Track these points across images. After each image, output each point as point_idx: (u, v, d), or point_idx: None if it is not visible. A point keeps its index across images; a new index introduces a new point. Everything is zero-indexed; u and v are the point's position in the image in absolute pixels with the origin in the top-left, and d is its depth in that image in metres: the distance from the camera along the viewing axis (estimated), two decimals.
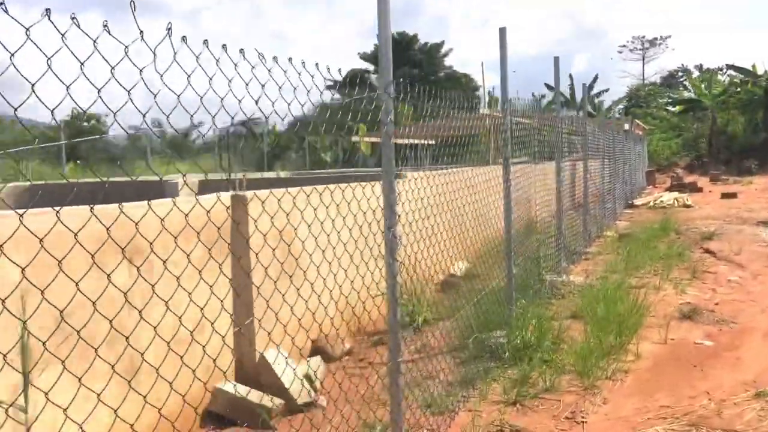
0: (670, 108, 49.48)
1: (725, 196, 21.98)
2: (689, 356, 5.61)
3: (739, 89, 38.71)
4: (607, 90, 50.85)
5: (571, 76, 49.70)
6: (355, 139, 29.22)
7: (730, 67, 41.49)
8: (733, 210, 17.50)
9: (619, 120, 21.19)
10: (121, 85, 2.29)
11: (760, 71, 37.72)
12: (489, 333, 6.00)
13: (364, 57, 57.95)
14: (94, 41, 2.14)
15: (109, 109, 2.28)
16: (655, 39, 74.43)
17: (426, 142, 30.90)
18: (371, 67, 56.73)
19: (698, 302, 7.35)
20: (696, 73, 61.71)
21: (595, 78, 51.47)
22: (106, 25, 2.15)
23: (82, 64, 2.11)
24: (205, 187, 10.89)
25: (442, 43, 56.49)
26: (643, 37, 74.69)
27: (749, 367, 5.28)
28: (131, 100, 2.31)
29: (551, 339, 5.83)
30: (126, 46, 2.26)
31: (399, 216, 6.63)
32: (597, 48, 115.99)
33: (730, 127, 38.94)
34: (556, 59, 10.24)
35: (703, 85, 42.89)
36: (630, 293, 7.52)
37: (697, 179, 31.20)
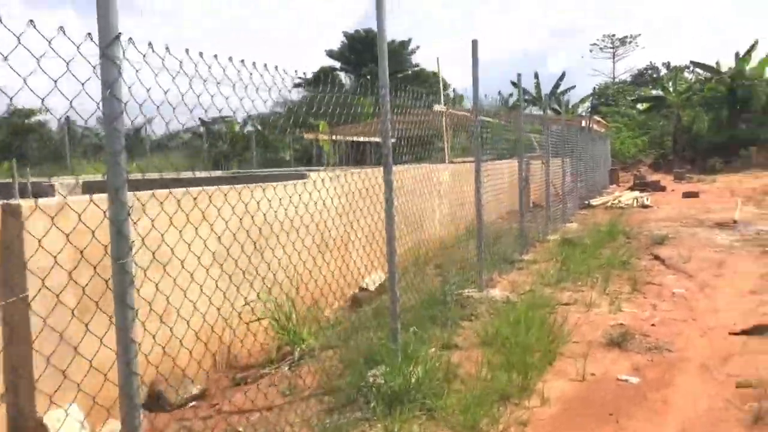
0: (638, 106, 48.98)
1: (687, 195, 21.21)
2: (606, 400, 4.55)
3: (703, 87, 38.14)
4: (573, 87, 50.16)
5: (536, 74, 48.97)
6: (311, 136, 28.00)
7: (694, 64, 40.93)
8: (692, 210, 16.65)
9: (571, 117, 20.31)
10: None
11: (723, 68, 37.19)
12: (370, 369, 4.91)
13: (331, 54, 56.79)
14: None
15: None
16: (626, 37, 74.07)
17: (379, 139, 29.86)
18: (337, 64, 55.71)
19: (633, 323, 6.32)
20: (664, 71, 61.53)
21: (562, 76, 50.65)
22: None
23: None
24: (89, 189, 9.65)
25: (409, 40, 55.41)
26: (614, 35, 74.35)
27: (676, 416, 4.24)
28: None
29: (442, 377, 4.74)
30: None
31: (290, 222, 5.52)
32: (572, 47, 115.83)
33: (695, 125, 38.33)
34: (474, 42, 9.19)
35: (670, 83, 42.40)
36: (555, 313, 6.49)
37: (662, 177, 30.55)
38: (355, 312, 7.19)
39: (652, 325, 6.27)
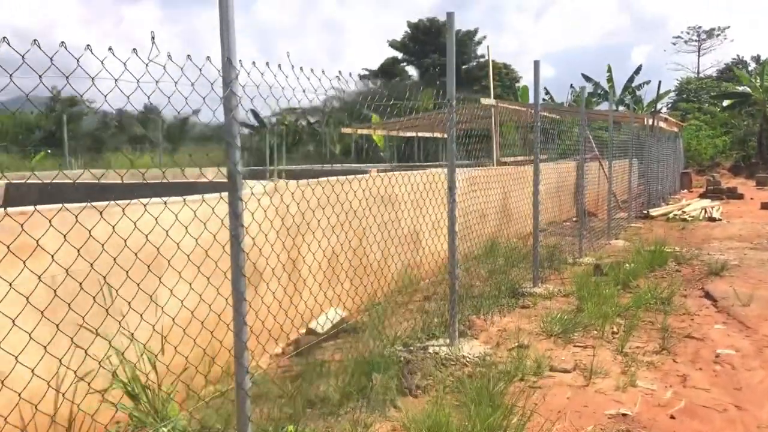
0: (723, 103, 45.27)
1: (765, 206, 18.53)
2: None
3: None
4: (648, 82, 46.53)
5: (609, 67, 45.82)
6: (364, 131, 26.47)
7: None
8: None
9: (630, 114, 18.09)
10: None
11: None
12: None
13: (393, 45, 55.23)
14: None
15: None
16: (713, 30, 69.47)
17: (435, 135, 28.10)
18: (400, 55, 54.15)
19: (645, 411, 4.45)
20: (753, 66, 56.94)
21: (638, 69, 47.16)
22: None
23: None
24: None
25: (476, 30, 53.10)
26: (700, 27, 69.80)
27: None
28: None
29: None
30: None
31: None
32: (656, 40, 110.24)
33: None
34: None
35: (757, 78, 38.71)
36: (537, 389, 4.70)
37: (742, 183, 27.64)
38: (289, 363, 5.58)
39: (672, 417, 4.38)
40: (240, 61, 3.17)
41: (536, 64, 7.63)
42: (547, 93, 48.36)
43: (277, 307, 5.74)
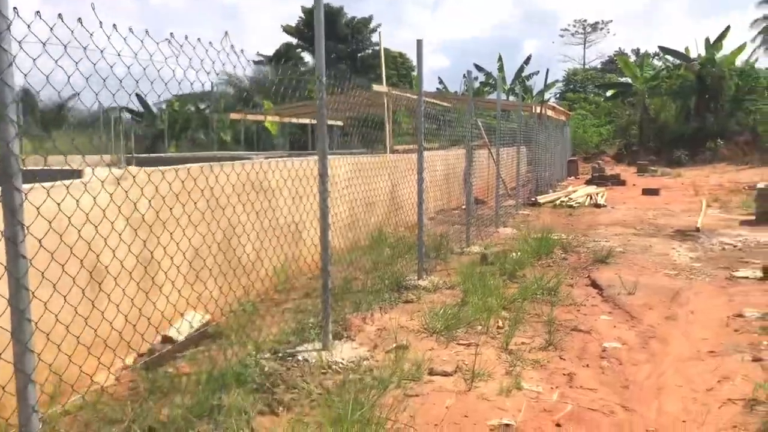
0: (607, 93, 47.05)
1: (646, 192, 19.13)
2: None
3: (671, 74, 36.19)
4: (537, 72, 47.77)
5: (500, 57, 46.68)
6: (256, 117, 25.36)
7: (662, 49, 38.91)
8: (650, 213, 14.54)
9: (514, 102, 18.13)
10: None
11: (693, 54, 35.29)
12: None
13: (288, 30, 53.85)
14: None
15: None
16: (597, 23, 72.37)
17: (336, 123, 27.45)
18: (294, 41, 52.86)
19: (529, 419, 4.05)
20: (633, 58, 59.71)
21: (527, 59, 48.30)
22: None
23: None
24: None
25: (371, 17, 52.62)
26: (585, 20, 72.55)
27: None
28: None
29: None
30: None
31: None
32: (547, 32, 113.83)
33: (662, 114, 36.52)
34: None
35: (637, 70, 40.41)
36: (410, 398, 4.21)
37: (624, 170, 28.68)
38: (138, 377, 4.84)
39: (557, 425, 3.99)
40: (38, 13, 2.48)
41: (419, 43, 7.16)
42: (441, 82, 48.74)
43: (128, 310, 5.01)
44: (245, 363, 4.68)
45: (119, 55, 3.30)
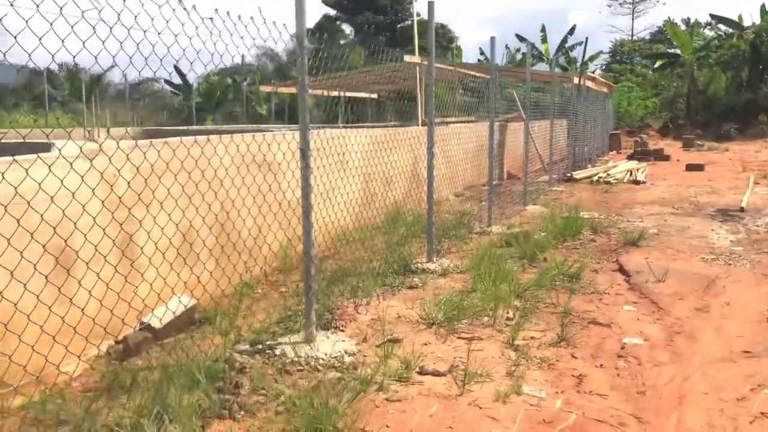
0: (655, 65, 45.23)
1: (690, 168, 18.15)
2: None
3: (722, 44, 34.42)
4: (580, 43, 46.06)
5: (543, 27, 45.20)
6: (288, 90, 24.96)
7: (714, 17, 37.03)
8: (692, 190, 13.68)
9: (545, 73, 17.29)
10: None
11: (747, 23, 33.48)
12: None
13: (326, 2, 53.06)
14: None
15: None
16: None
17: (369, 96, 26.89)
18: (333, 12, 52.16)
19: (526, 430, 3.54)
20: (684, 28, 57.30)
21: (572, 30, 46.67)
22: None
23: None
24: None
25: None
26: None
27: None
28: None
29: None
30: None
31: None
32: (594, 2, 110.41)
33: (712, 86, 34.85)
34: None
35: (687, 39, 38.61)
36: (392, 401, 3.74)
37: (669, 144, 27.52)
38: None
39: None
40: None
41: (430, 5, 6.56)
42: (482, 53, 47.46)
43: (102, 295, 4.65)
44: (217, 356, 4.26)
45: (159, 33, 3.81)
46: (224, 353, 4.30)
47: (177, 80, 36.25)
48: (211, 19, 4.40)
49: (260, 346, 4.53)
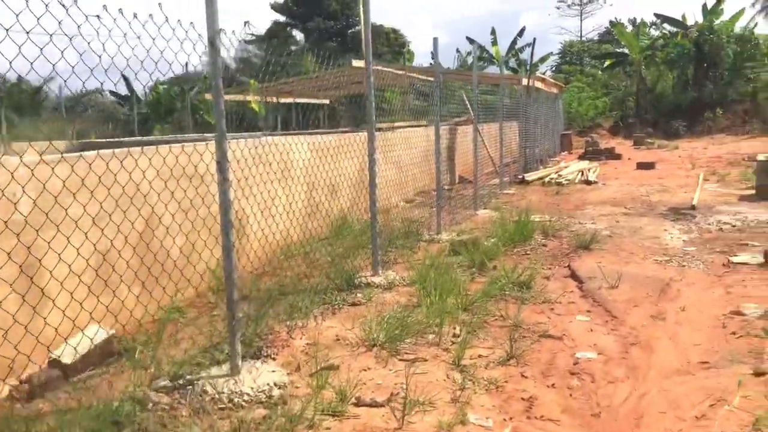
0: (604, 65, 45.75)
1: (641, 166, 18.19)
2: None
3: (667, 43, 34.95)
4: (529, 45, 46.31)
5: (493, 30, 45.35)
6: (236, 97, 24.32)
7: (658, 17, 37.62)
8: (643, 188, 13.61)
9: (491, 75, 17.15)
10: None
11: (690, 22, 34.06)
12: None
13: (275, 7, 52.44)
14: None
15: None
16: None
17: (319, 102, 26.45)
18: (283, 18, 51.55)
19: None
20: (630, 28, 58.31)
21: (521, 32, 46.90)
22: None
23: None
24: None
25: None
26: None
27: None
28: None
29: None
30: None
31: None
32: (543, 4, 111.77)
33: (659, 85, 35.36)
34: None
35: (633, 38, 39.14)
36: None
37: (620, 143, 27.72)
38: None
39: None
40: None
41: (365, 1, 6.20)
42: (434, 58, 47.37)
43: (4, 327, 4.17)
44: (131, 395, 3.81)
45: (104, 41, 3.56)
46: (137, 391, 3.85)
47: (123, 90, 35.31)
48: (129, 23, 3.93)
49: (180, 381, 4.09)
